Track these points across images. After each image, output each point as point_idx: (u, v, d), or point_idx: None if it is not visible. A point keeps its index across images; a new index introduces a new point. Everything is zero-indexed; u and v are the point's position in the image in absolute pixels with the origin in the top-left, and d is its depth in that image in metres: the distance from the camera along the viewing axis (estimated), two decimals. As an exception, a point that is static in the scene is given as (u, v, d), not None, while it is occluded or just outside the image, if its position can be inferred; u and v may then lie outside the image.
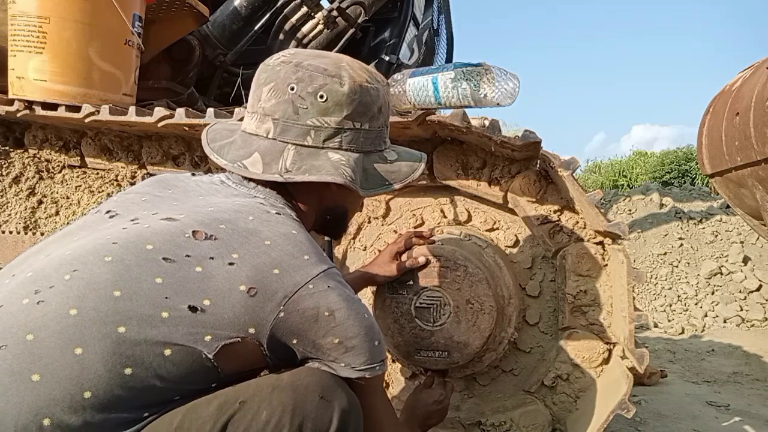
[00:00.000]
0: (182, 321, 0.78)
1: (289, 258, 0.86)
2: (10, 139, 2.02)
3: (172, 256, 0.81)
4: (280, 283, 0.83)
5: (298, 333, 0.84)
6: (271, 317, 0.82)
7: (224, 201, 0.93)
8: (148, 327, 0.76)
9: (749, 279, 4.11)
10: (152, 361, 0.76)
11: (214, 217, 0.88)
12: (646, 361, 1.21)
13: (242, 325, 0.81)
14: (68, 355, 0.73)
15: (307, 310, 0.84)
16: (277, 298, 0.82)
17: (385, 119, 1.06)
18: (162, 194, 0.96)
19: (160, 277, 0.79)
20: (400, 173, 1.06)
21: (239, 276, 0.81)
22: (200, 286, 0.80)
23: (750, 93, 2.56)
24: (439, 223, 1.61)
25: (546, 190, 1.47)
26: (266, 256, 0.84)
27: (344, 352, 0.86)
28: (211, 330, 0.79)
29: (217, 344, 0.79)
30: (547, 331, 1.53)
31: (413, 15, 3.14)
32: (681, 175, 13.27)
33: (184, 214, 0.88)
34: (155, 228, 0.85)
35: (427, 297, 1.39)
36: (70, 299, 0.76)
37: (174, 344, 0.77)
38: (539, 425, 1.44)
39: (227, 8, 2.61)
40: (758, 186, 2.63)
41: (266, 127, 0.98)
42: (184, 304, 0.78)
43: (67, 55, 1.69)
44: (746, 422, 2.01)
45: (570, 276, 1.45)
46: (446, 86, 1.30)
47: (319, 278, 0.86)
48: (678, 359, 3.04)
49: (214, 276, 0.81)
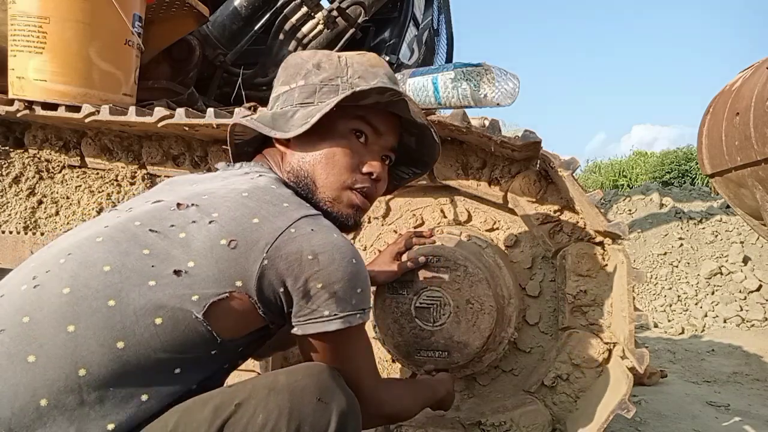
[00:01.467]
0: (169, 286, 0.78)
1: (268, 206, 0.86)
2: (10, 139, 2.02)
3: (157, 228, 0.83)
4: (261, 231, 0.83)
5: (283, 279, 0.83)
6: (256, 266, 0.82)
7: (213, 182, 0.96)
8: (137, 297, 0.77)
9: (749, 279, 4.11)
10: (144, 332, 0.76)
11: (197, 192, 0.91)
12: (646, 361, 1.21)
13: (228, 279, 0.81)
14: (61, 333, 0.73)
15: (290, 255, 0.83)
16: (259, 246, 0.82)
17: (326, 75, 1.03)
18: (163, 187, 0.99)
19: (147, 248, 0.81)
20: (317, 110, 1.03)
21: (219, 231, 0.82)
22: (184, 251, 0.81)
23: (750, 93, 2.57)
24: (439, 223, 1.61)
25: (546, 190, 1.47)
26: (245, 207, 0.85)
27: (327, 298, 0.84)
28: (197, 290, 0.79)
29: (205, 302, 0.79)
30: (547, 331, 1.53)
31: (413, 15, 3.14)
32: (681, 175, 13.27)
33: (172, 196, 0.91)
34: (144, 209, 0.88)
35: (427, 297, 1.39)
36: (63, 279, 0.77)
37: (163, 310, 0.77)
38: (539, 425, 1.44)
39: (227, 8, 2.61)
40: (758, 186, 2.63)
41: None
42: (170, 270, 0.79)
43: (67, 55, 1.69)
44: (746, 422, 2.01)
45: (570, 276, 1.45)
46: (446, 86, 1.30)
47: (301, 221, 0.86)
48: (678, 359, 3.04)
49: (196, 237, 0.82)
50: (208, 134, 1.71)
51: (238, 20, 2.59)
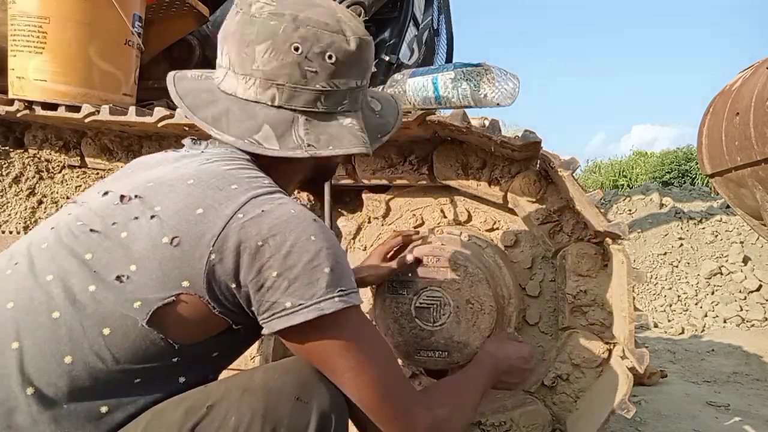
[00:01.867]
0: (111, 293, 0.72)
1: (214, 192, 0.76)
2: (10, 139, 2.02)
3: (98, 227, 0.76)
4: (206, 223, 0.74)
5: (235, 275, 0.73)
6: (203, 263, 0.73)
7: (169, 164, 0.86)
8: (80, 307, 0.71)
9: (749, 279, 4.11)
10: (92, 344, 0.70)
11: (147, 179, 0.81)
12: (646, 361, 1.21)
13: (173, 281, 0.72)
14: (6, 351, 0.69)
15: (238, 244, 0.73)
16: (204, 240, 0.73)
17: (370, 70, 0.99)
18: (122, 173, 0.90)
19: (90, 252, 0.74)
20: (387, 123, 1.01)
21: (161, 228, 0.74)
22: (126, 253, 0.73)
23: (750, 93, 2.57)
24: (439, 223, 1.61)
25: (546, 190, 1.47)
26: (188, 197, 0.76)
27: (287, 286, 0.72)
28: (139, 295, 0.72)
29: (148, 309, 0.72)
30: (547, 331, 1.53)
31: (413, 15, 3.14)
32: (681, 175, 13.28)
33: (123, 186, 0.82)
34: (91, 205, 0.81)
35: (427, 297, 1.39)
36: (8, 292, 0.73)
37: (110, 320, 0.71)
38: (539, 425, 1.44)
39: (227, 8, 2.61)
40: (758, 186, 2.63)
41: (270, 93, 0.87)
42: (112, 276, 0.72)
43: (67, 55, 1.69)
44: (746, 422, 2.01)
45: (570, 276, 1.45)
46: (446, 86, 1.30)
47: (249, 204, 0.75)
48: (678, 359, 3.04)
49: (138, 237, 0.74)
50: (207, 134, 1.71)
51: (238, 20, 2.58)
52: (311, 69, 0.87)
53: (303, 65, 0.86)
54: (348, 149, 0.88)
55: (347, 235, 1.68)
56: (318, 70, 0.87)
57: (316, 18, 0.87)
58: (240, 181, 0.79)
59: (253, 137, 0.86)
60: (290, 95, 0.87)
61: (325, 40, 0.87)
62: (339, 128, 0.89)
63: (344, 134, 0.89)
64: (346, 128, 0.90)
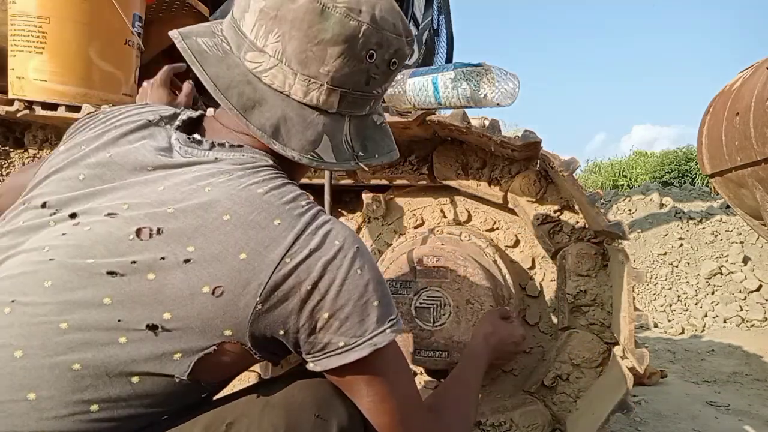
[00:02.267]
0: (143, 343, 0.66)
1: (256, 232, 0.68)
2: (10, 139, 2.01)
3: (116, 269, 0.67)
4: (251, 270, 0.67)
5: (284, 322, 0.69)
6: (248, 312, 0.67)
7: (182, 176, 0.74)
8: (106, 358, 0.65)
9: (749, 279, 4.11)
10: (120, 393, 0.66)
11: (161, 201, 0.71)
12: (646, 361, 1.21)
13: (215, 330, 0.67)
14: (21, 402, 0.63)
15: (287, 292, 0.68)
16: (250, 289, 0.67)
17: None
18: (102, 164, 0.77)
19: (108, 296, 0.66)
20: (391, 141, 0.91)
21: (199, 275, 0.67)
22: (156, 298, 0.66)
23: (750, 93, 2.57)
24: (439, 223, 1.61)
25: (546, 190, 1.47)
26: (227, 238, 0.68)
27: (339, 326, 0.70)
28: (179, 346, 0.66)
29: (189, 361, 0.67)
30: (547, 331, 1.53)
31: (413, 15, 3.14)
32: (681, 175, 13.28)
33: (127, 203, 0.72)
34: (96, 231, 0.70)
35: (427, 297, 1.39)
36: (13, 339, 0.65)
37: (140, 370, 0.66)
38: (539, 425, 1.44)
39: (227, 8, 2.61)
40: (758, 186, 2.63)
41: (332, 100, 0.79)
42: (142, 324, 0.66)
43: (67, 55, 1.69)
44: (746, 422, 2.02)
45: (570, 276, 1.45)
46: (446, 86, 1.30)
47: (297, 246, 0.69)
48: (678, 359, 3.04)
49: (170, 281, 0.66)
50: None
51: (238, 20, 2.59)
52: (376, 75, 0.80)
53: (371, 72, 0.79)
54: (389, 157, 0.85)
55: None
56: (380, 76, 0.81)
57: (390, 19, 0.79)
58: (281, 212, 0.71)
59: (315, 152, 0.79)
60: (353, 102, 0.81)
61: (394, 46, 0.80)
62: (374, 130, 0.85)
63: (381, 137, 0.85)
64: (380, 130, 0.86)
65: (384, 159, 0.84)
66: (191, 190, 0.72)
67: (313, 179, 1.54)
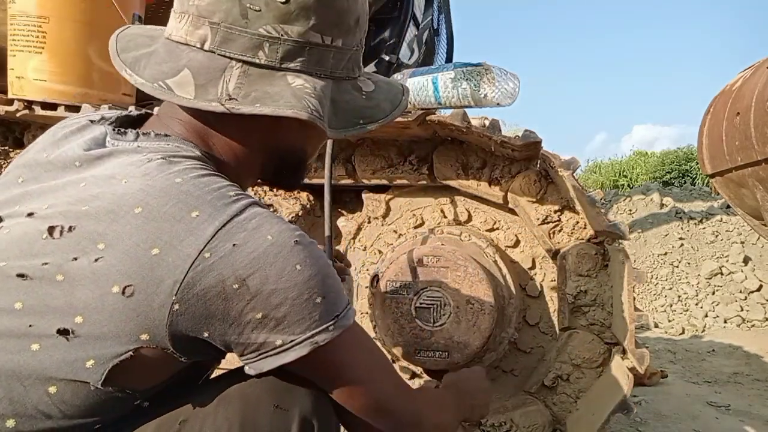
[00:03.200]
0: (56, 350, 0.61)
1: (170, 224, 0.62)
2: (10, 139, 2.01)
3: (27, 271, 0.62)
4: (164, 266, 0.61)
5: (207, 323, 0.63)
6: (164, 313, 0.61)
7: (102, 168, 0.69)
8: (19, 367, 0.61)
9: (750, 279, 4.11)
10: (37, 404, 0.61)
11: (79, 197, 0.66)
12: (647, 361, 1.21)
13: (129, 335, 0.62)
14: None
15: (208, 290, 0.62)
16: (164, 288, 0.61)
17: (362, 36, 0.81)
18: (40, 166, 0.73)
19: (20, 301, 0.62)
20: (379, 109, 0.81)
21: (108, 274, 0.61)
22: (67, 301, 0.61)
23: (750, 93, 2.56)
24: (439, 223, 1.61)
25: (546, 190, 1.47)
26: (138, 232, 0.62)
27: (275, 326, 0.64)
28: (91, 352, 0.61)
29: (102, 369, 0.62)
30: (547, 331, 1.53)
31: (413, 15, 3.14)
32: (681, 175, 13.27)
33: (48, 203, 0.67)
34: (13, 233, 0.65)
35: (427, 297, 1.39)
36: None
37: (55, 379, 0.62)
38: (539, 425, 1.44)
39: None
40: (759, 186, 2.63)
41: (201, 34, 0.71)
42: (53, 330, 0.61)
43: (66, 55, 1.69)
44: (746, 422, 2.01)
45: (570, 276, 1.45)
46: (446, 86, 1.30)
47: (217, 238, 0.62)
48: (678, 359, 3.04)
49: (80, 282, 0.61)
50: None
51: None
52: (254, 7, 0.69)
53: (244, 1, 0.69)
54: (278, 109, 0.69)
55: (347, 235, 1.68)
56: (263, 10, 0.70)
57: None
58: (201, 203, 0.64)
59: (164, 81, 0.70)
60: (224, 38, 0.70)
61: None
62: (282, 87, 0.71)
63: (285, 94, 0.70)
64: (291, 88, 0.71)
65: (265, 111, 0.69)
66: (109, 184, 0.66)
67: (313, 179, 1.53)
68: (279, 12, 0.70)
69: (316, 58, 0.74)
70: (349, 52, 0.78)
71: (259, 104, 0.69)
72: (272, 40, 0.71)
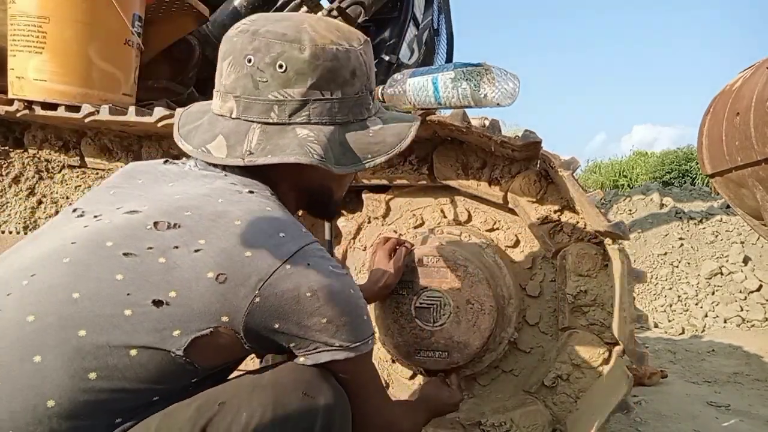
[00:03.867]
0: (147, 317, 0.72)
1: (263, 237, 0.79)
2: (10, 139, 2.02)
3: (132, 250, 0.75)
4: (254, 266, 0.76)
5: (280, 317, 0.78)
6: (246, 303, 0.75)
7: (193, 187, 0.86)
8: (110, 328, 0.71)
9: (750, 279, 4.11)
10: (117, 363, 0.71)
11: (179, 205, 0.81)
12: (647, 361, 1.21)
13: (214, 315, 0.74)
14: (27, 364, 0.68)
15: (286, 293, 0.77)
16: (250, 282, 0.76)
17: (363, 83, 0.96)
18: (130, 185, 0.90)
19: (121, 273, 0.74)
20: (384, 144, 0.96)
21: (206, 262, 0.75)
22: (164, 278, 0.74)
23: (750, 93, 2.56)
24: (439, 223, 1.61)
25: (546, 190, 1.47)
26: (236, 237, 0.78)
27: (335, 331, 0.80)
28: (179, 323, 0.73)
29: (186, 338, 0.73)
30: (547, 331, 1.53)
31: (413, 15, 3.14)
32: (681, 175, 13.27)
33: (147, 205, 0.82)
34: (116, 223, 0.79)
35: (427, 297, 1.39)
36: (27, 305, 0.71)
37: (139, 342, 0.72)
38: (539, 425, 1.44)
39: (227, 8, 2.61)
40: (758, 186, 2.63)
41: (229, 106, 0.91)
42: (148, 299, 0.73)
43: (66, 55, 1.69)
44: (747, 422, 2.01)
45: (570, 276, 1.45)
46: (446, 86, 1.30)
47: (297, 255, 0.79)
48: (678, 359, 3.04)
49: (179, 265, 0.75)
50: None
51: (238, 20, 2.58)
52: (262, 79, 0.88)
53: (255, 76, 0.88)
54: (284, 157, 0.86)
55: (347, 235, 1.68)
56: (269, 80, 0.88)
57: (274, 30, 0.89)
58: (286, 228, 0.82)
59: (205, 146, 0.90)
60: (245, 106, 0.90)
61: (276, 50, 0.88)
62: (291, 139, 0.88)
63: (292, 144, 0.88)
64: (297, 139, 0.88)
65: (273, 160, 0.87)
66: (205, 200, 0.82)
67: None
68: (281, 79, 0.89)
69: (319, 110, 0.91)
70: (351, 99, 0.94)
71: (271, 155, 0.87)
72: (279, 102, 0.89)
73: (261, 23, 0.92)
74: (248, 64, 0.89)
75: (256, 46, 0.89)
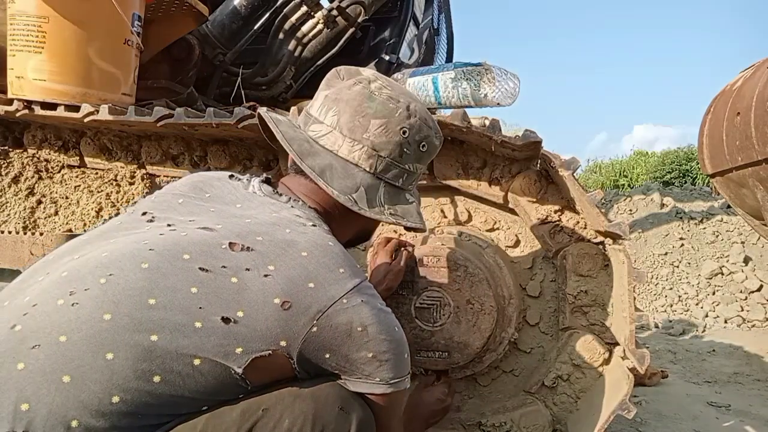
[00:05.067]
0: (215, 332, 0.78)
1: (325, 271, 0.86)
2: (10, 139, 2.01)
3: (208, 267, 0.81)
4: (315, 298, 0.83)
5: (331, 348, 0.85)
6: (304, 331, 0.82)
7: (261, 212, 0.95)
8: (180, 336, 0.76)
9: (750, 279, 4.10)
10: (181, 370, 0.76)
11: (250, 230, 0.88)
12: (647, 361, 1.20)
13: (274, 338, 0.81)
14: (99, 359, 0.73)
15: (340, 326, 0.84)
16: (310, 312, 0.83)
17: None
18: (199, 197, 0.97)
19: (196, 286, 0.79)
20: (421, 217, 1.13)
21: (274, 288, 0.82)
22: (235, 297, 0.80)
23: (751, 93, 2.56)
24: (439, 223, 1.61)
25: (546, 190, 1.46)
26: (302, 268, 0.85)
27: (378, 366, 0.87)
28: (242, 342, 0.79)
29: (247, 357, 0.79)
30: (547, 331, 1.53)
31: (413, 14, 3.13)
32: (682, 175, 13.26)
33: (221, 224, 0.89)
34: (192, 237, 0.85)
35: (427, 297, 1.39)
36: (104, 304, 0.76)
37: (204, 354, 0.77)
38: (540, 426, 1.44)
39: (227, 7, 2.60)
40: (759, 186, 2.62)
41: (371, 162, 1.01)
42: (218, 315, 0.78)
43: (66, 55, 1.69)
44: (747, 423, 2.01)
45: (570, 276, 1.45)
46: (446, 86, 1.30)
47: (352, 292, 0.87)
48: (679, 359, 3.03)
49: (249, 287, 0.81)
50: (207, 134, 1.71)
51: (238, 20, 2.58)
52: (408, 151, 1.03)
53: (404, 146, 1.03)
54: (415, 224, 1.05)
55: (347, 235, 1.67)
56: (411, 153, 1.04)
57: (422, 113, 1.06)
58: (345, 264, 0.90)
59: (351, 195, 1.00)
60: (386, 167, 1.02)
61: (424, 132, 1.05)
62: (408, 205, 1.07)
63: (412, 211, 1.07)
64: (412, 206, 1.07)
65: (410, 224, 1.04)
66: (274, 228, 0.90)
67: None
68: (417, 155, 1.06)
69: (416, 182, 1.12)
70: None
71: (406, 219, 1.05)
72: (410, 173, 1.06)
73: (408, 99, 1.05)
74: (403, 135, 1.02)
75: (412, 124, 1.03)
